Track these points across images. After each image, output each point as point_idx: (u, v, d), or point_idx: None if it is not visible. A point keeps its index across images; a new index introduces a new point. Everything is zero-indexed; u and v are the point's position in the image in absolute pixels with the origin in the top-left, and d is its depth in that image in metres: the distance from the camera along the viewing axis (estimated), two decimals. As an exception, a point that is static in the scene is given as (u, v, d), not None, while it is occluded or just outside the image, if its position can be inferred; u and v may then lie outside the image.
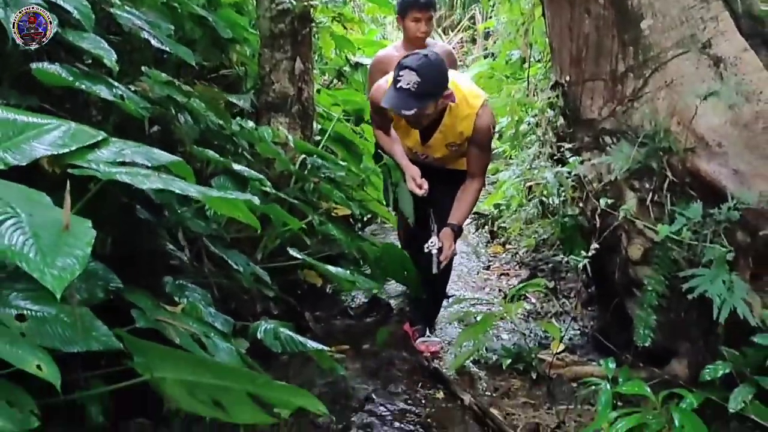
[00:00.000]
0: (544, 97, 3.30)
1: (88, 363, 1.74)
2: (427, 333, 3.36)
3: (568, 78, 2.97)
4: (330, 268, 2.88)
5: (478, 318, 3.34)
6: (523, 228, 4.50)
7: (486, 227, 5.59)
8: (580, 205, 3.00)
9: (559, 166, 3.11)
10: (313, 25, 3.69)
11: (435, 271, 2.92)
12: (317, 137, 3.83)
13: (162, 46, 2.61)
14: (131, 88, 2.38)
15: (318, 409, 1.55)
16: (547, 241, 4.45)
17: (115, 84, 2.22)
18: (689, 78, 2.57)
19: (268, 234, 2.99)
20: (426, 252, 2.93)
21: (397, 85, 2.60)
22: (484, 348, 3.24)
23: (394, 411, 2.71)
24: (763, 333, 2.29)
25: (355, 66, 5.16)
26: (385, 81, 2.83)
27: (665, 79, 2.63)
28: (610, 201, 2.76)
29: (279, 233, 3.05)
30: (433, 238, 2.95)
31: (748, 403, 2.20)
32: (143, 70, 2.52)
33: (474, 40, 10.36)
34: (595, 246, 2.72)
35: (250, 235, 2.94)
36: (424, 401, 2.82)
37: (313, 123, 3.70)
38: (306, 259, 2.88)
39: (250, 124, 3.01)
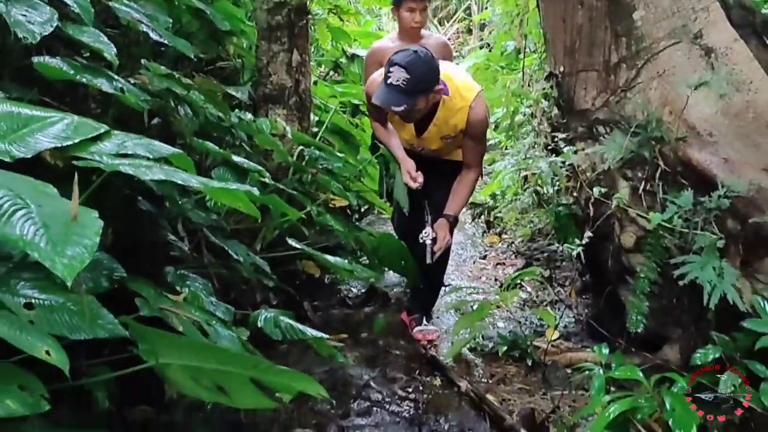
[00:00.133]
0: (539, 88, 3.31)
1: (91, 351, 1.77)
2: (424, 322, 3.37)
3: (562, 69, 2.99)
4: (328, 257, 2.90)
5: (475, 306, 3.35)
6: (518, 218, 4.53)
7: (482, 217, 5.61)
8: (574, 194, 3.02)
9: (554, 156, 3.13)
10: (309, 17, 3.70)
11: (429, 261, 2.94)
12: (314, 129, 3.84)
13: (161, 39, 2.62)
14: (131, 81, 2.40)
15: (319, 393, 1.57)
16: (543, 230, 4.49)
17: (115, 77, 2.23)
18: (681, 68, 2.60)
19: (267, 225, 3.01)
20: (420, 243, 2.95)
21: (387, 82, 2.62)
22: (480, 336, 3.26)
23: (392, 397, 2.74)
24: (752, 318, 2.34)
25: (352, 57, 5.18)
26: (380, 74, 2.83)
27: (657, 69, 2.66)
28: (604, 190, 2.78)
29: (277, 224, 3.07)
30: (427, 229, 2.97)
31: (738, 386, 2.24)
32: (143, 63, 2.54)
33: (470, 31, 10.33)
34: (589, 234, 2.74)
35: (249, 226, 2.97)
36: (421, 388, 2.85)
37: (311, 114, 3.71)
38: (305, 249, 2.90)
39: (248, 116, 3.02)
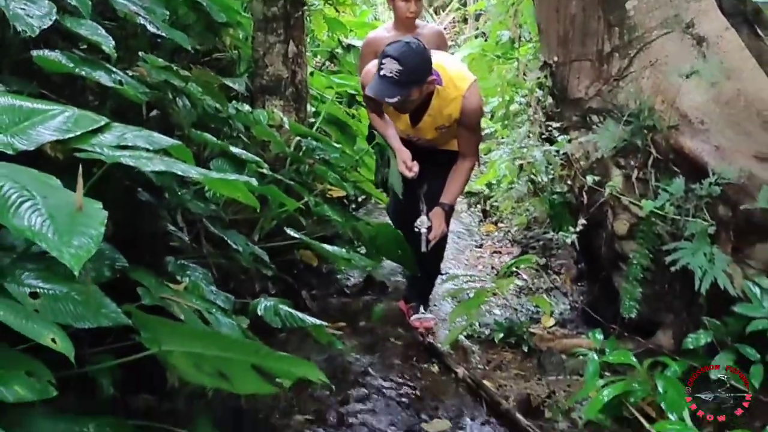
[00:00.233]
0: (534, 78, 3.33)
1: (94, 339, 1.80)
2: (422, 310, 3.39)
3: (555, 58, 3.02)
4: (326, 246, 2.92)
5: (471, 294, 3.38)
6: (514, 206, 4.56)
7: (478, 206, 5.64)
8: (569, 182, 3.05)
9: (548, 144, 3.16)
10: (305, 7, 3.71)
11: (424, 249, 2.95)
12: (311, 119, 3.85)
13: (158, 32, 2.63)
14: (129, 73, 2.41)
15: (319, 378, 1.61)
16: (538, 218, 4.52)
17: (114, 70, 2.25)
18: (673, 57, 2.63)
19: (265, 215, 3.03)
20: (416, 231, 2.97)
21: (380, 73, 2.64)
22: (477, 323, 3.30)
23: (390, 384, 2.77)
24: (743, 303, 2.38)
25: (347, 48, 5.17)
26: (374, 65, 2.83)
27: (650, 58, 2.68)
28: (597, 178, 2.82)
29: (275, 214, 3.09)
30: (422, 218, 2.98)
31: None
32: (141, 55, 2.55)
33: (465, 20, 10.30)
34: (583, 222, 2.79)
35: (247, 217, 2.99)
36: (419, 374, 2.88)
37: (307, 105, 3.72)
38: (303, 238, 2.92)
39: (245, 107, 3.03)
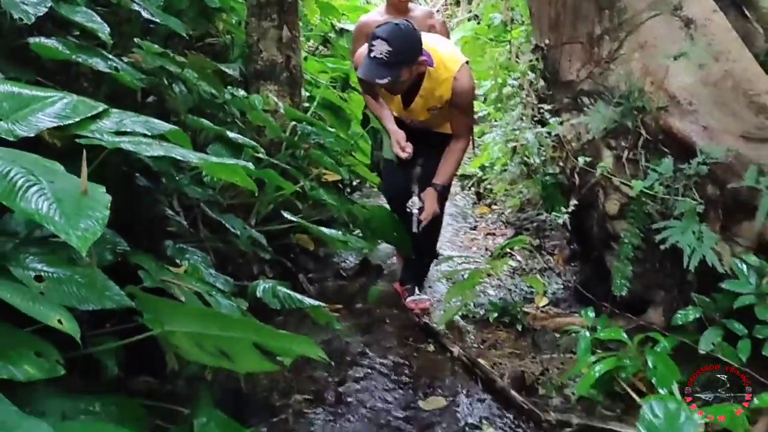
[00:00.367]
0: (526, 60, 3.36)
1: (96, 322, 1.84)
2: (417, 291, 3.42)
3: (547, 41, 3.04)
4: (323, 229, 2.96)
5: (466, 275, 3.41)
6: (507, 189, 4.59)
7: (472, 189, 5.67)
8: (560, 164, 3.09)
9: (541, 127, 3.19)
10: (298, -8, 3.71)
11: (415, 230, 2.98)
12: (306, 104, 3.87)
13: (152, 18, 2.64)
14: (124, 59, 2.43)
15: (318, 355, 1.65)
16: (532, 200, 4.56)
17: (110, 56, 2.27)
18: (662, 39, 2.65)
19: (261, 200, 3.06)
20: (408, 212, 3.01)
21: (371, 55, 2.65)
22: (471, 303, 3.33)
23: (387, 364, 2.81)
24: (731, 279, 2.43)
25: (340, 32, 5.16)
26: (366, 48, 2.86)
27: (639, 41, 2.71)
28: (588, 159, 2.85)
29: (271, 198, 3.12)
30: (413, 198, 3.01)
31: (717, 344, 2.36)
32: (136, 41, 2.56)
33: (458, 3, 10.26)
34: (575, 203, 2.83)
35: (243, 201, 3.03)
36: (415, 354, 2.92)
37: (302, 90, 3.73)
38: (300, 221, 2.96)
39: (241, 92, 3.05)
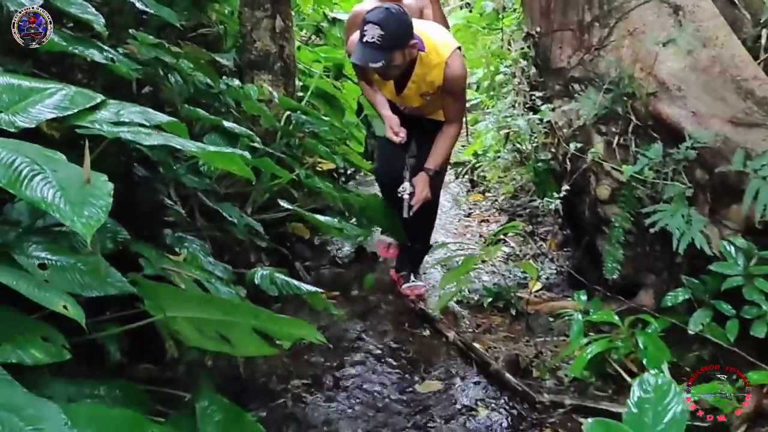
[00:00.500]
0: (518, 48, 3.39)
1: (96, 309, 1.87)
2: (412, 278, 3.46)
3: (538, 29, 3.07)
4: (319, 217, 2.99)
5: (460, 262, 3.45)
6: (501, 176, 4.64)
7: (466, 176, 5.70)
8: (552, 150, 3.13)
9: (533, 113, 3.23)
10: (291, -19, 3.72)
11: (406, 215, 3.01)
12: (300, 93, 3.89)
13: (145, 8, 2.65)
14: (119, 50, 2.44)
15: (317, 338, 1.69)
16: (525, 187, 4.61)
17: (105, 47, 2.28)
18: (650, 26, 2.68)
19: (257, 189, 3.09)
20: (399, 197, 3.03)
21: (363, 40, 2.68)
22: (466, 289, 3.38)
23: (383, 349, 2.86)
24: (719, 261, 2.47)
25: (333, 21, 5.17)
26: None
27: (628, 27, 2.74)
28: (580, 145, 2.89)
29: (267, 187, 3.15)
30: (405, 184, 3.04)
31: (706, 325, 2.41)
32: (131, 32, 2.58)
33: (450, -9, 10.25)
34: (567, 188, 2.86)
35: (239, 191, 3.06)
36: (411, 339, 2.97)
37: (295, 80, 3.75)
38: (296, 209, 2.99)
39: (236, 82, 3.07)
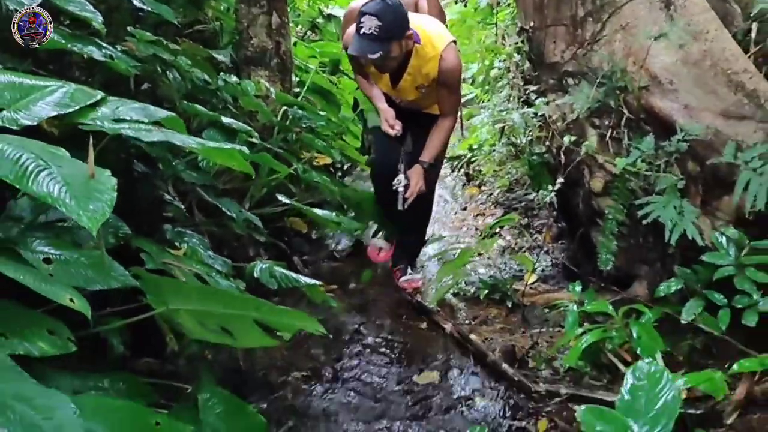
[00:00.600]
0: (512, 43, 3.42)
1: (98, 303, 1.90)
2: (409, 271, 3.51)
3: (532, 24, 3.09)
4: (317, 211, 3.03)
5: (457, 254, 3.47)
6: (496, 169, 4.67)
7: (462, 170, 5.73)
8: (547, 143, 3.16)
9: (527, 107, 3.26)
10: (286, -22, 3.74)
11: (400, 207, 3.05)
12: (296, 89, 3.92)
13: (142, 5, 2.67)
14: (117, 47, 2.46)
15: (317, 329, 1.72)
16: (520, 180, 4.64)
17: (104, 45, 2.30)
18: (642, 20, 2.71)
19: (255, 184, 3.12)
20: (393, 189, 3.07)
21: (360, 32, 2.71)
22: (462, 281, 3.41)
23: (381, 341, 2.89)
24: (711, 252, 2.51)
25: (328, 17, 5.20)
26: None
27: (621, 22, 2.76)
28: (574, 138, 2.91)
29: (265, 182, 3.18)
30: (399, 176, 3.08)
31: (698, 314, 2.44)
32: (129, 30, 2.60)
33: (444, -14, 10.24)
34: (561, 181, 2.90)
35: (237, 186, 3.08)
36: (409, 331, 3.00)
37: (292, 75, 3.78)
38: (294, 204, 3.02)
39: (233, 78, 3.09)
